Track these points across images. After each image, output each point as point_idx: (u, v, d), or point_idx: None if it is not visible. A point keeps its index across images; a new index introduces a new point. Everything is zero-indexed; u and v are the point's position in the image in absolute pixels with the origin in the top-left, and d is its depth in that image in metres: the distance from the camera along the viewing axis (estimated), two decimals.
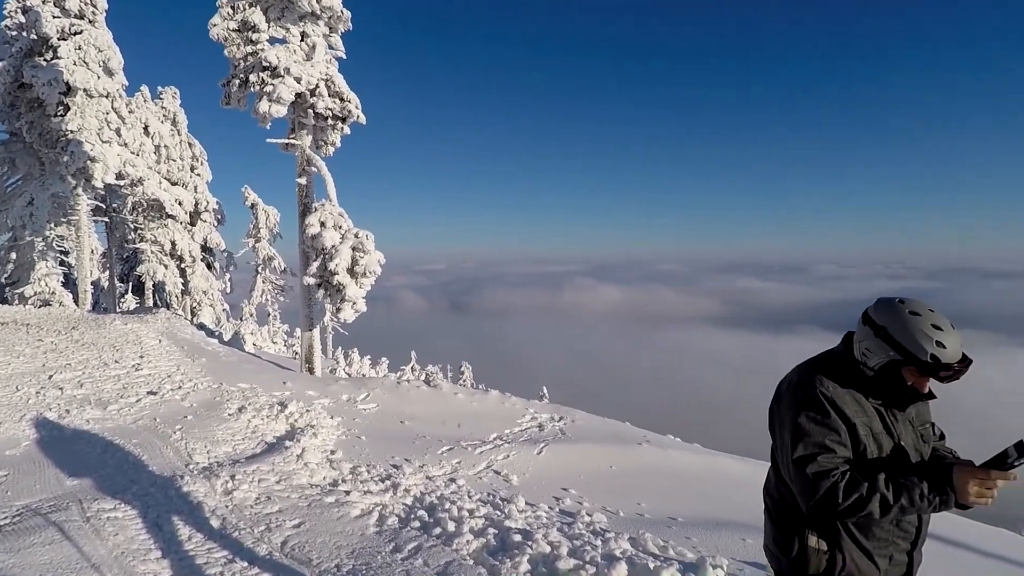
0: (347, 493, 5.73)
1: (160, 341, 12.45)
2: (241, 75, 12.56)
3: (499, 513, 5.72)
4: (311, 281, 12.77)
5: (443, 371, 27.19)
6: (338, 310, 12.76)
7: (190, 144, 23.20)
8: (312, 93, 12.91)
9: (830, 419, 1.73)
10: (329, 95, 13.12)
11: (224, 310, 26.23)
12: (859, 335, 1.80)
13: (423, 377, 15.01)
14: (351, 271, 12.66)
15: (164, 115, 22.21)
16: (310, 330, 13.79)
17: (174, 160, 21.80)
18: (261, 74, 12.29)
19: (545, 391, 25.21)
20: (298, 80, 12.45)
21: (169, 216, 20.88)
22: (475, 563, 4.35)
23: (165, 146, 21.23)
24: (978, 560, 6.12)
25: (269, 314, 26.61)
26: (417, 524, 5.08)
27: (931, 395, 1.82)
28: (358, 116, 13.46)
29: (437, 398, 11.09)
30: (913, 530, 1.83)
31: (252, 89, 12.47)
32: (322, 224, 12.73)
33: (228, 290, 25.91)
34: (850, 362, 1.82)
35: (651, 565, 4.14)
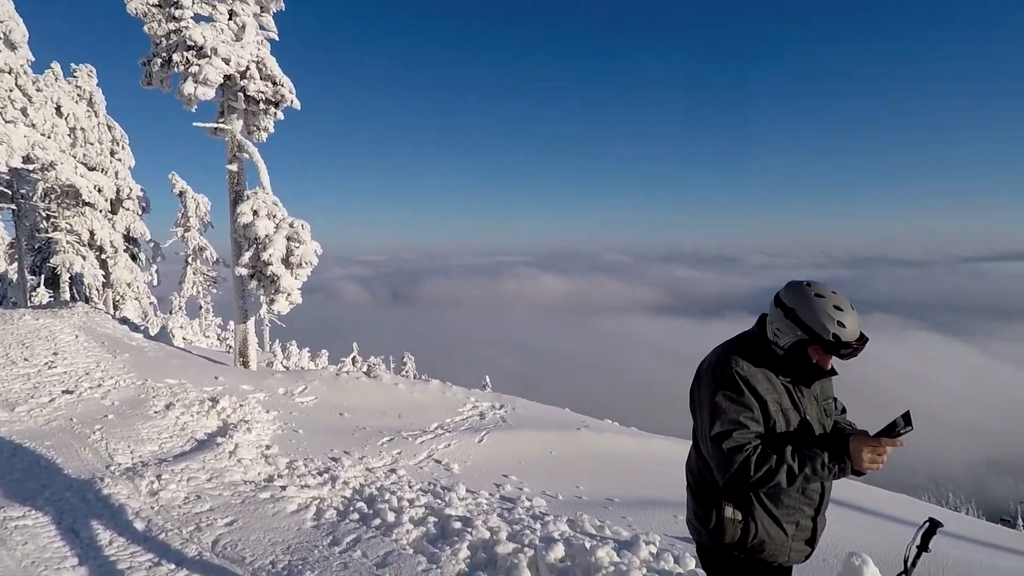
0: (283, 488, 5.59)
1: (77, 337, 11.69)
2: (163, 54, 11.86)
3: (440, 502, 5.73)
4: (243, 272, 12.29)
5: (385, 362, 26.81)
6: (272, 301, 12.34)
7: (109, 127, 21.72)
8: (242, 75, 12.35)
9: (744, 397, 1.84)
10: (261, 78, 12.58)
11: (151, 303, 24.85)
12: (771, 317, 1.92)
13: (365, 369, 14.79)
14: (286, 261, 12.25)
15: (79, 95, 20.66)
16: (244, 322, 13.29)
17: (91, 143, 20.35)
18: (185, 53, 11.64)
19: (488, 380, 25.34)
20: (227, 61, 11.86)
21: (87, 203, 19.52)
22: (415, 552, 4.34)
23: (81, 128, 19.78)
24: (879, 522, 6.63)
25: (201, 307, 25.46)
26: (356, 516, 5.02)
27: (833, 371, 1.95)
28: (292, 101, 12.98)
29: (377, 389, 10.95)
30: (817, 497, 1.97)
31: (176, 69, 11.80)
32: (255, 213, 12.24)
33: (155, 282, 24.53)
34: (763, 342, 1.93)
35: (587, 545, 4.25)
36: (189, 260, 23.43)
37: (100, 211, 20.50)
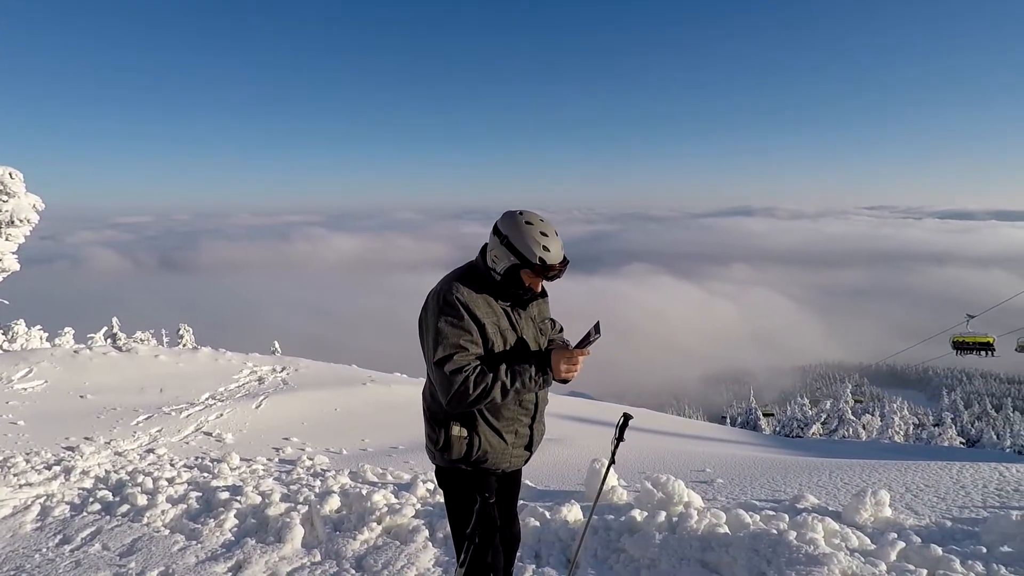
0: None
1: None
2: None
3: (206, 475, 5.32)
4: None
5: (157, 337, 23.53)
6: None
7: None
8: None
9: (464, 322, 1.96)
10: None
11: None
12: (490, 245, 2.05)
13: (128, 346, 12.80)
14: None
15: None
16: None
17: None
18: None
19: (276, 345, 23.80)
20: None
21: None
22: (172, 531, 3.98)
23: None
24: (606, 429, 7.92)
25: None
26: (97, 507, 4.43)
27: (544, 293, 2.17)
28: None
29: (132, 364, 9.58)
30: (532, 407, 2.21)
31: None
32: None
33: None
34: (484, 270, 2.06)
35: (364, 492, 4.29)
36: None
37: None
